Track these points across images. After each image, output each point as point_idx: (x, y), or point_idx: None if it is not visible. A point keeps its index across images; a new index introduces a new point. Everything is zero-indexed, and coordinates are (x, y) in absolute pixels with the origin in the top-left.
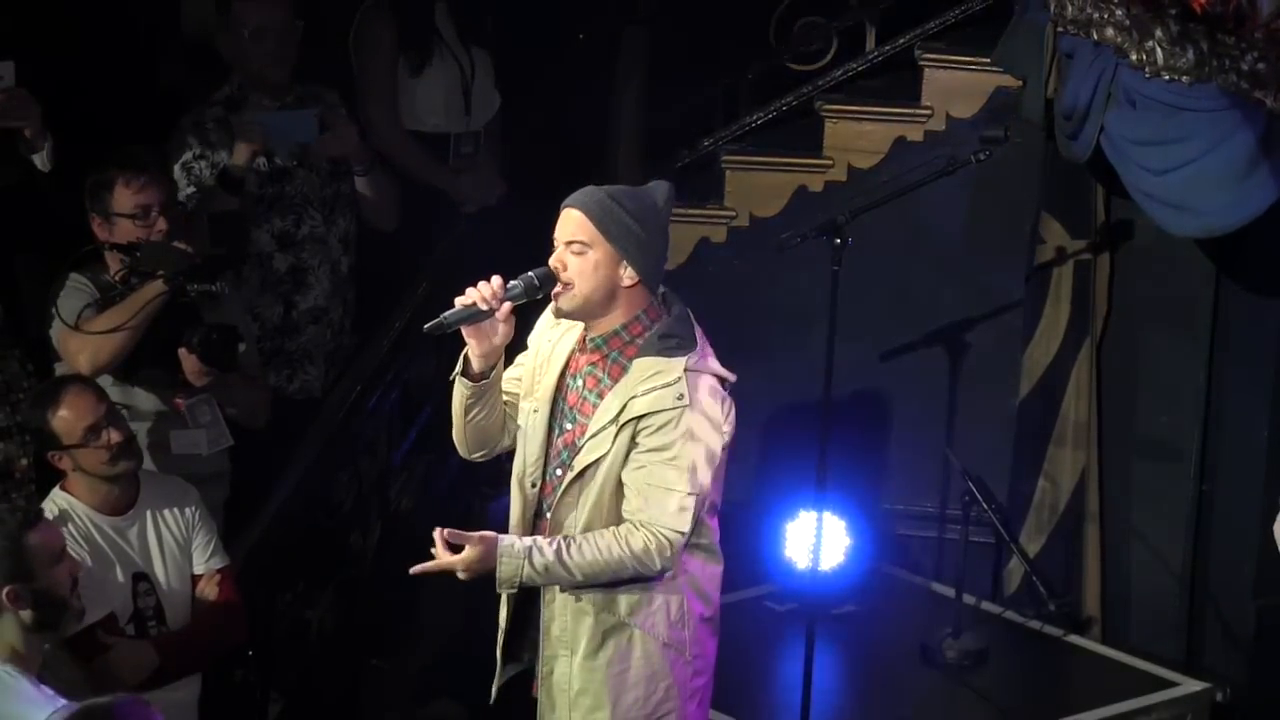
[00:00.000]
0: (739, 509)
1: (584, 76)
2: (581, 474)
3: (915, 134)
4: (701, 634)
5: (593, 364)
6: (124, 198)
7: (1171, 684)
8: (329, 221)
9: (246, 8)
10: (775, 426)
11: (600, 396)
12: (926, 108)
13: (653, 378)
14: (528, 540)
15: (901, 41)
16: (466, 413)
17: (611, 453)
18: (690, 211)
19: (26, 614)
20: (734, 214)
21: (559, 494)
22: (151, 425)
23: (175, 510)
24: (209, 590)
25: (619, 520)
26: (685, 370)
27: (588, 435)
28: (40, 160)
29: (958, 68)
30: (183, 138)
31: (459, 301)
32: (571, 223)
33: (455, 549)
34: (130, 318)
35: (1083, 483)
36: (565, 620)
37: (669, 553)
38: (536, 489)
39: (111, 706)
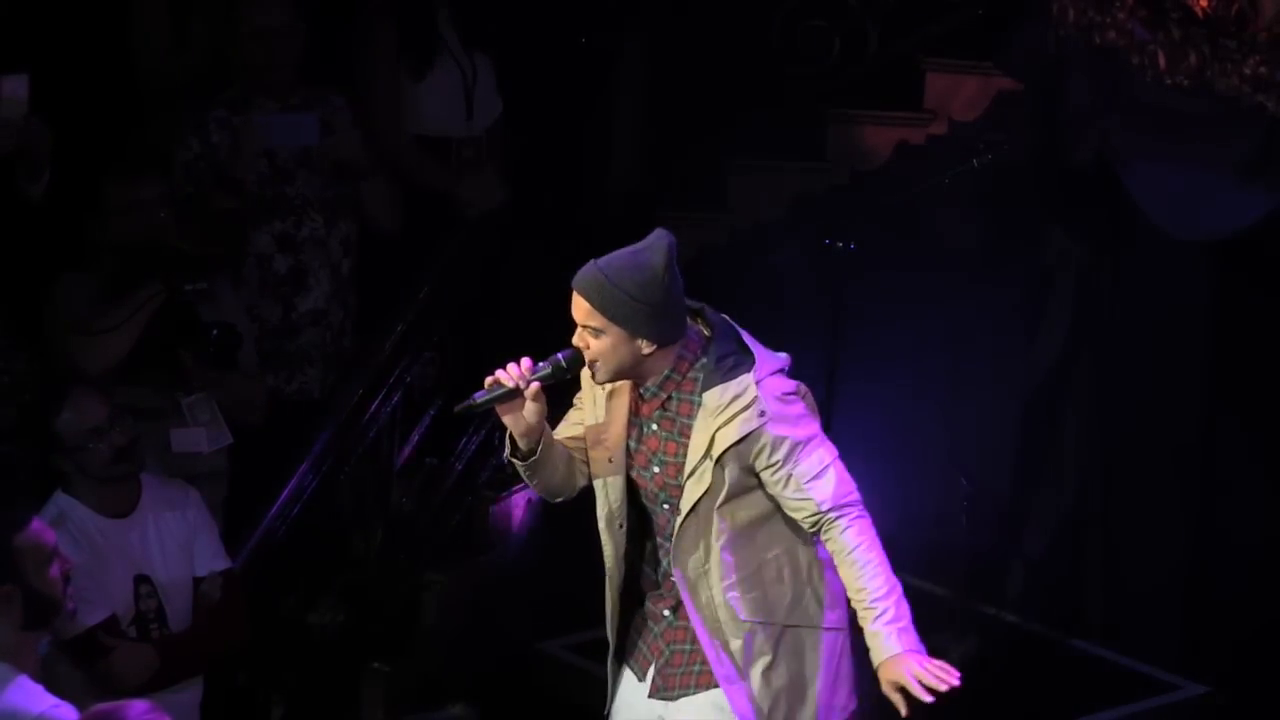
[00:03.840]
0: None
1: (585, 81)
2: (695, 510)
3: (917, 138)
4: (837, 592)
5: (659, 409)
6: (117, 194)
7: (1173, 688)
8: (330, 224)
9: (250, 10)
10: None
11: (682, 435)
12: (928, 112)
13: (730, 405)
14: (888, 645)
15: (904, 46)
16: (531, 480)
17: (713, 486)
18: (692, 216)
19: (16, 614)
20: (736, 218)
21: (676, 540)
22: (151, 424)
23: (177, 512)
24: (211, 592)
25: (749, 549)
26: (755, 383)
27: (687, 474)
28: (36, 190)
29: (960, 72)
30: (185, 138)
31: (488, 382)
32: (581, 309)
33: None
34: (131, 317)
35: (1085, 486)
36: (721, 641)
37: (866, 513)
38: (624, 529)
39: (124, 713)
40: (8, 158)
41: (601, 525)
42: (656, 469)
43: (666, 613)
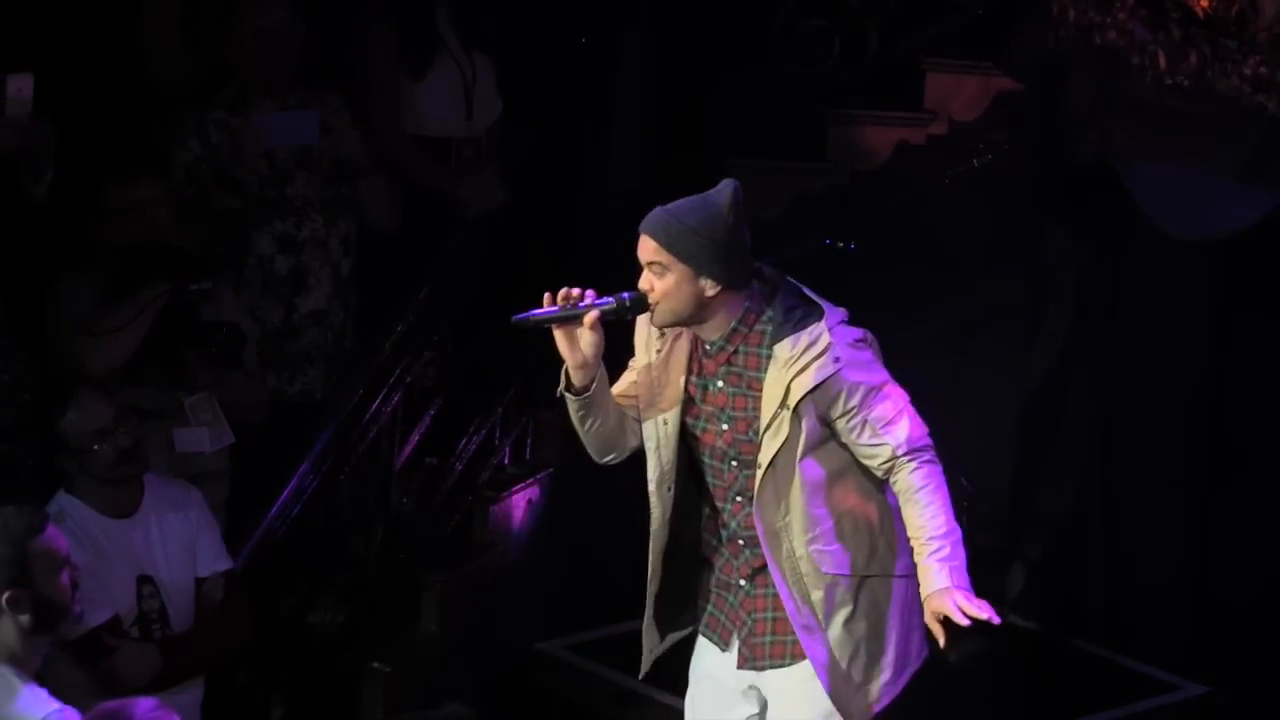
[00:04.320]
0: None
1: (585, 81)
2: (773, 464)
3: (917, 137)
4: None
5: (724, 364)
6: (116, 195)
7: (1173, 688)
8: (330, 224)
9: (248, 10)
10: None
11: (751, 388)
12: (929, 111)
13: (804, 354)
14: (939, 579)
15: (904, 45)
16: (582, 424)
17: (790, 437)
18: None
19: (25, 618)
20: None
21: (757, 494)
22: (153, 424)
23: (179, 513)
24: (213, 593)
25: (828, 502)
26: (827, 330)
27: (763, 427)
28: (39, 189)
29: (960, 72)
30: (184, 139)
31: (546, 299)
32: (647, 247)
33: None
34: (136, 317)
35: (1086, 486)
36: (801, 594)
37: (932, 457)
38: (673, 493)
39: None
40: (11, 157)
41: (651, 488)
42: (725, 425)
43: (743, 582)
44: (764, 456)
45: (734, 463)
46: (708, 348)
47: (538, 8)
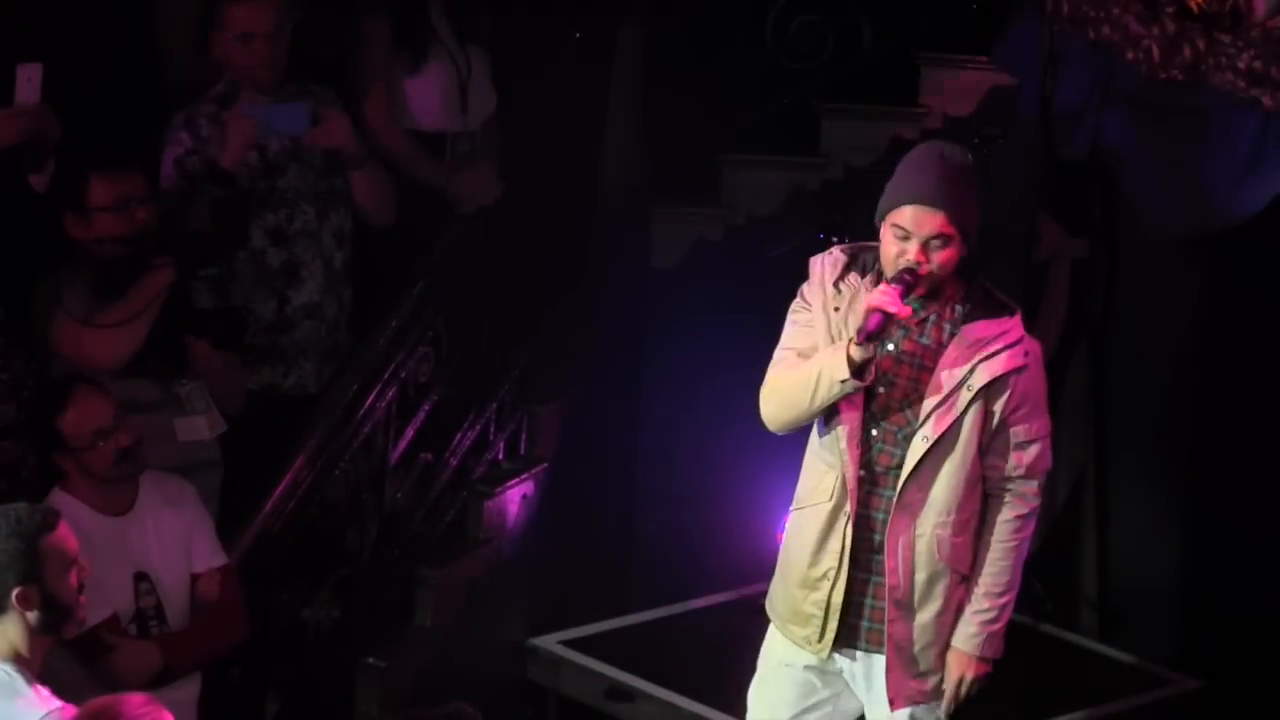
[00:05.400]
0: (743, 507)
1: (580, 75)
2: (939, 442)
3: (912, 132)
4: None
5: (906, 328)
6: (102, 191)
7: (1166, 682)
8: (322, 216)
9: (236, 12)
10: None
11: (923, 361)
12: (923, 106)
13: (997, 340)
14: (974, 643)
15: (898, 40)
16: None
17: (964, 418)
18: (686, 210)
19: (33, 615)
20: (730, 212)
21: (915, 469)
22: (152, 416)
23: (174, 509)
24: (210, 589)
25: (966, 495)
26: (1021, 327)
27: (936, 403)
28: (40, 181)
29: (954, 66)
30: (175, 133)
31: (873, 308)
32: (935, 220)
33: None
34: (144, 308)
35: (1079, 481)
36: (908, 572)
37: (1038, 494)
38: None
39: (121, 707)
40: (16, 146)
41: (825, 454)
42: (881, 389)
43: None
44: (933, 431)
45: (874, 431)
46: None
47: (533, 2)
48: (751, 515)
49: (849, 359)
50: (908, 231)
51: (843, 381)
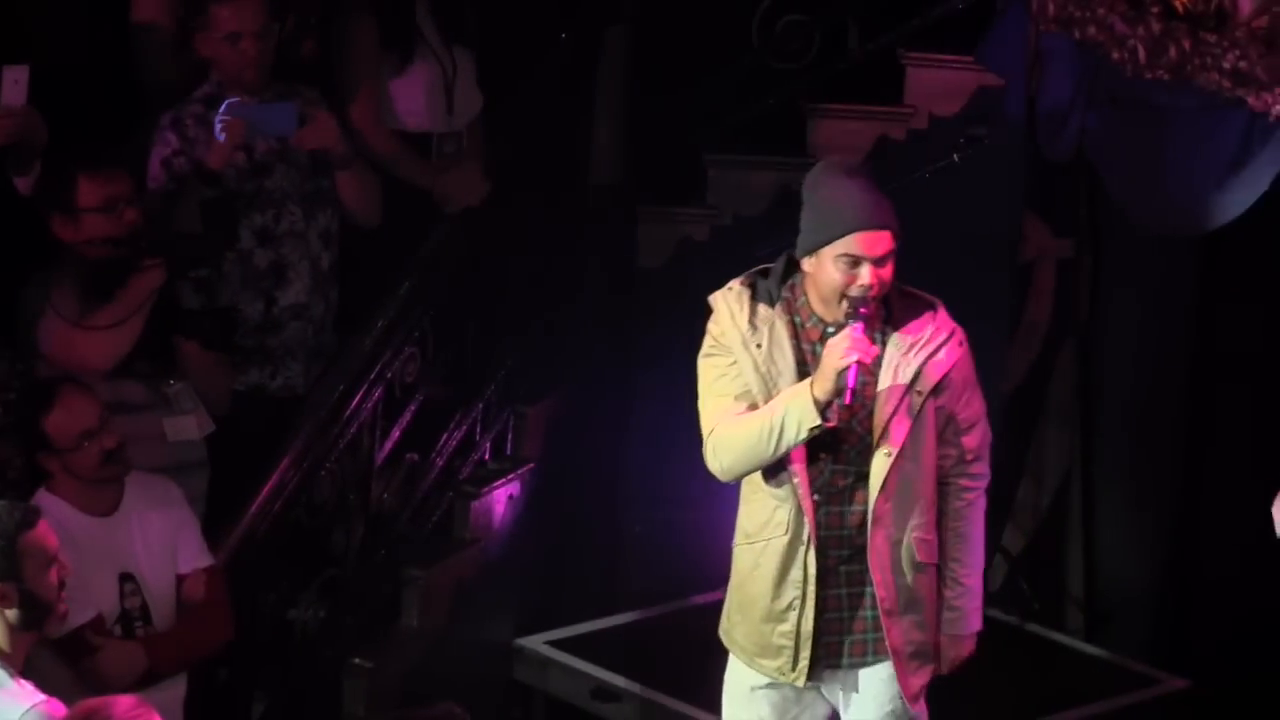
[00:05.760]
0: (729, 508)
1: (567, 76)
2: (903, 449)
3: (898, 132)
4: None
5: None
6: (90, 193)
7: (1154, 682)
8: (309, 217)
9: (222, 12)
10: None
11: (866, 374)
12: (909, 106)
13: (933, 337)
14: (968, 622)
15: (884, 40)
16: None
17: (922, 421)
18: (672, 210)
19: (13, 613)
20: (717, 212)
21: (884, 480)
22: (141, 417)
23: (160, 510)
24: (195, 589)
25: (930, 493)
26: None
27: (890, 413)
28: (25, 183)
29: (940, 66)
30: (162, 134)
31: (849, 365)
32: (885, 240)
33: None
34: (134, 310)
35: (1066, 481)
36: (893, 579)
37: (988, 469)
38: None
39: (110, 709)
40: (1, 148)
41: (776, 489)
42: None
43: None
44: (893, 444)
45: (823, 454)
46: (831, 328)
47: (519, 2)
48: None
49: (815, 402)
50: (859, 258)
51: (813, 427)
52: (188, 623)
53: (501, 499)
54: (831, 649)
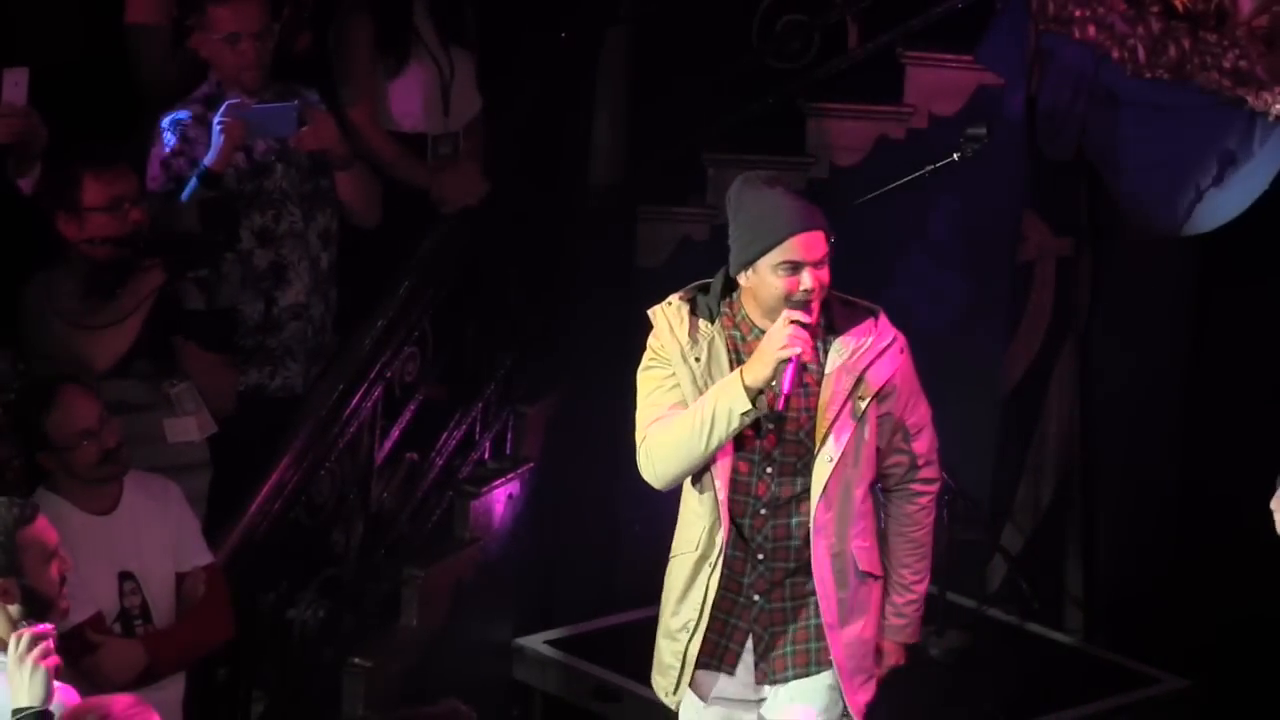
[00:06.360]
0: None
1: (566, 76)
2: (843, 457)
3: (898, 132)
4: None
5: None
6: (95, 191)
7: (1153, 681)
8: (308, 217)
9: (221, 13)
10: None
11: (808, 385)
12: (909, 106)
13: (873, 344)
14: (907, 633)
15: (884, 40)
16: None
17: (864, 428)
18: (672, 209)
19: (14, 608)
20: (716, 212)
21: (825, 488)
22: (142, 417)
23: (159, 508)
24: (195, 588)
25: (869, 501)
26: (889, 323)
27: (831, 420)
28: (27, 182)
29: (940, 66)
30: (162, 134)
31: (790, 356)
32: (821, 243)
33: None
34: (135, 310)
35: (1066, 480)
36: (835, 589)
37: (939, 473)
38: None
39: (109, 707)
40: (2, 148)
41: (700, 503)
42: (769, 425)
43: (756, 598)
44: (835, 450)
45: (769, 469)
46: (753, 339)
47: (517, 3)
48: None
49: (746, 389)
50: (799, 262)
51: (744, 414)
52: (187, 621)
53: (501, 499)
54: (778, 664)
